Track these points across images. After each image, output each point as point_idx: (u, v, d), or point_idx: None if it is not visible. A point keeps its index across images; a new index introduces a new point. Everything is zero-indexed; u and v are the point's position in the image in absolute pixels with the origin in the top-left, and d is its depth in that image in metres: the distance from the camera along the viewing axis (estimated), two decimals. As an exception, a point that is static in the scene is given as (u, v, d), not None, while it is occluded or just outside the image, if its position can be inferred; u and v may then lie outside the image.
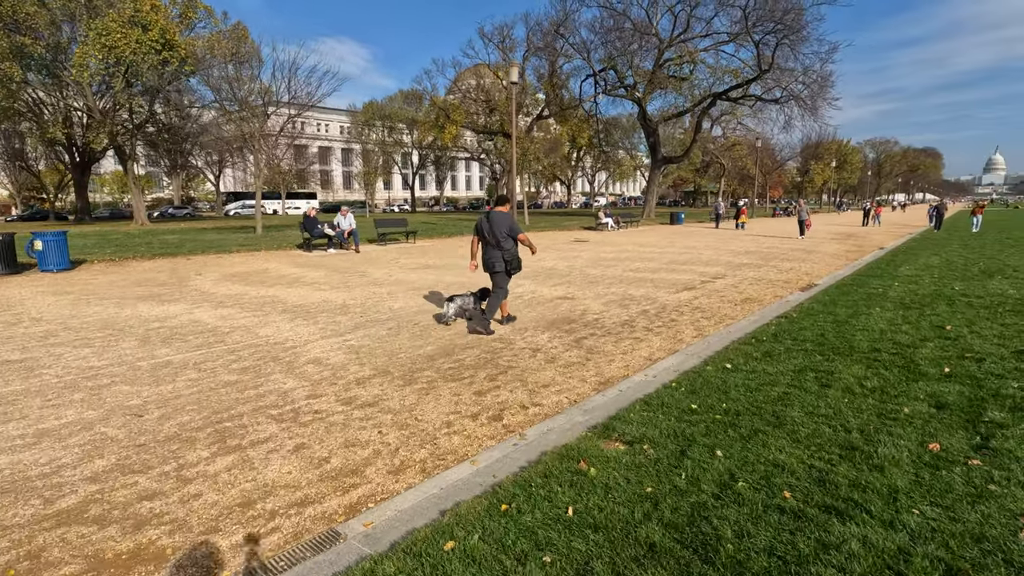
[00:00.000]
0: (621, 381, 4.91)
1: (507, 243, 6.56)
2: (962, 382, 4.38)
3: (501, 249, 6.53)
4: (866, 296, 8.42)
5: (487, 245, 6.66)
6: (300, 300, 8.71)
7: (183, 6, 28.35)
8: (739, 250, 17.26)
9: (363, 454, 3.54)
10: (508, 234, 6.54)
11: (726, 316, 7.60)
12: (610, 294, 9.31)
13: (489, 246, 6.63)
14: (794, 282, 10.72)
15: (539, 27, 38.32)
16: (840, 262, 14.04)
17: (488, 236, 6.58)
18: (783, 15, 30.21)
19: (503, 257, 6.54)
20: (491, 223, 6.55)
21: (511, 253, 6.59)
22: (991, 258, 13.42)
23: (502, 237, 6.51)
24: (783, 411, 3.87)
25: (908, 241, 20.25)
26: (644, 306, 8.30)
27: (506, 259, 6.55)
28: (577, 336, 6.53)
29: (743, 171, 66.60)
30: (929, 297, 8.25)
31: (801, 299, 8.64)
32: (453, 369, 5.28)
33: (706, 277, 11.29)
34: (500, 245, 6.53)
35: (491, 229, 6.53)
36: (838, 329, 6.29)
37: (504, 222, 6.55)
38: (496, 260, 6.58)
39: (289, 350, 5.92)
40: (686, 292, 9.53)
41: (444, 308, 7.14)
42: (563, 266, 13.10)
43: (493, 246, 6.58)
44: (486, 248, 6.69)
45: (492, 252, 6.61)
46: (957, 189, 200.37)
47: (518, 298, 8.91)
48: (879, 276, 10.68)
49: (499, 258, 6.55)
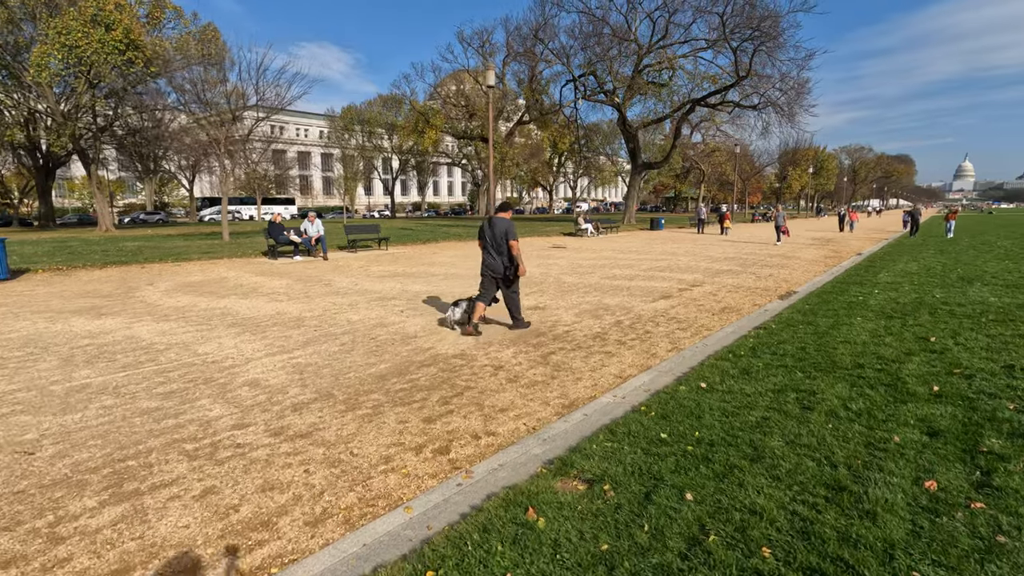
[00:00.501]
0: (587, 404, 4.47)
1: (505, 248, 6.73)
2: (953, 403, 4.03)
3: (501, 254, 6.72)
4: (847, 305, 8.14)
5: (488, 250, 6.81)
6: (252, 312, 8.14)
7: (150, 6, 27.46)
8: (718, 256, 17.04)
9: (280, 500, 3.04)
10: (503, 239, 6.70)
11: (703, 327, 7.23)
12: (584, 303, 8.90)
13: (490, 250, 6.78)
14: (773, 290, 10.43)
15: (518, 32, 38.11)
16: (819, 268, 13.85)
17: (489, 241, 6.75)
18: (760, 22, 30.33)
19: (503, 262, 6.71)
20: (492, 228, 6.73)
21: (508, 258, 6.74)
22: (968, 264, 13.34)
23: (502, 242, 6.70)
24: (762, 441, 3.47)
25: (885, 247, 20.27)
26: (618, 316, 7.91)
27: (504, 264, 6.72)
28: (545, 351, 6.09)
29: (722, 177, 67.19)
30: (911, 305, 7.99)
31: (780, 308, 8.33)
32: (404, 391, 4.79)
33: (684, 285, 10.96)
34: (499, 252, 6.72)
35: (492, 234, 6.72)
36: (819, 341, 5.95)
37: (501, 228, 6.70)
38: (497, 266, 6.74)
39: (226, 370, 5.38)
40: (663, 301, 9.16)
41: (449, 312, 7.14)
42: (538, 273, 12.68)
43: (495, 251, 6.75)
44: (489, 253, 6.81)
45: (493, 257, 6.76)
46: (929, 195, 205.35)
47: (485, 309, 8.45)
48: (859, 283, 10.45)
49: (499, 263, 6.72)
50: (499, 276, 6.78)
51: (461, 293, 9.79)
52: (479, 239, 6.96)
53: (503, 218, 6.79)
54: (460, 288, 10.39)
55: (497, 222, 6.73)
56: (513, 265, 6.75)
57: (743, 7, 31.04)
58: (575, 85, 39.59)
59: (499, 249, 6.70)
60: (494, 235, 6.69)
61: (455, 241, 22.47)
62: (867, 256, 16.58)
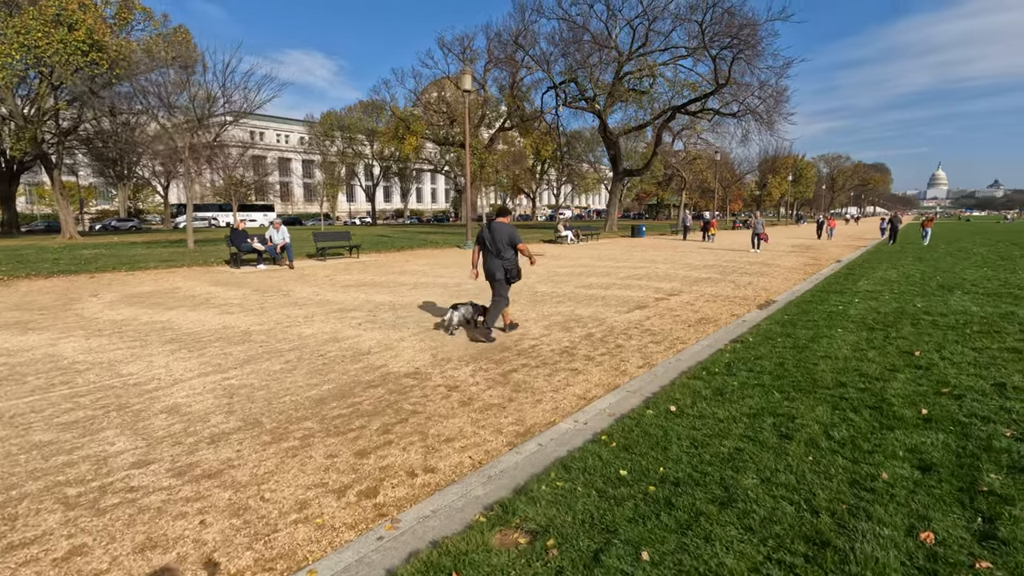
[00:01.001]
0: (544, 431, 4.01)
1: (507, 252, 6.73)
2: (944, 428, 3.65)
3: (502, 258, 6.70)
4: (827, 315, 7.81)
5: (488, 254, 6.80)
6: (196, 326, 7.55)
7: (118, 6, 26.61)
8: (697, 264, 16.76)
9: (158, 563, 2.52)
10: (508, 243, 6.71)
11: (678, 340, 6.83)
12: (555, 315, 8.46)
13: (490, 255, 6.78)
14: (752, 299, 10.11)
15: (499, 38, 37.88)
16: (798, 276, 13.61)
17: (489, 245, 6.75)
18: (739, 30, 30.46)
19: (503, 266, 6.71)
20: (492, 233, 6.74)
21: (511, 262, 6.76)
22: (947, 271, 13.20)
23: (503, 247, 6.69)
24: (734, 478, 3.03)
25: (864, 254, 20.22)
26: (590, 329, 7.48)
27: (506, 268, 6.72)
28: (506, 368, 5.62)
29: (704, 184, 67.64)
30: (892, 316, 7.69)
31: (759, 318, 7.98)
32: (343, 417, 4.29)
33: (661, 294, 10.59)
34: (501, 254, 6.70)
35: (492, 238, 6.72)
36: (799, 356, 5.57)
37: (505, 232, 6.72)
38: (496, 269, 6.73)
39: (147, 394, 4.82)
40: (638, 311, 8.76)
41: (447, 316, 7.16)
42: (512, 282, 12.23)
43: (494, 255, 6.74)
44: (488, 257, 6.81)
45: (493, 261, 6.76)
46: (904, 203, 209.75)
47: (452, 320, 7.97)
48: (839, 292, 10.18)
49: (499, 267, 6.71)
50: (501, 279, 6.77)
51: (427, 304, 9.29)
52: (477, 244, 6.95)
53: (503, 223, 6.80)
54: (427, 298, 9.89)
55: (497, 227, 6.75)
56: (516, 268, 6.79)
57: (722, 15, 31.19)
58: (556, 92, 39.47)
59: (499, 254, 6.70)
60: (494, 239, 6.70)
61: (431, 248, 21.94)
62: (846, 263, 16.44)
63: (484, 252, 6.87)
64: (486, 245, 6.79)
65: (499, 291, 6.85)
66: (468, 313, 7.20)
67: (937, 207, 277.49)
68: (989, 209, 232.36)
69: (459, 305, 7.22)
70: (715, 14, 31.22)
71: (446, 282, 12.15)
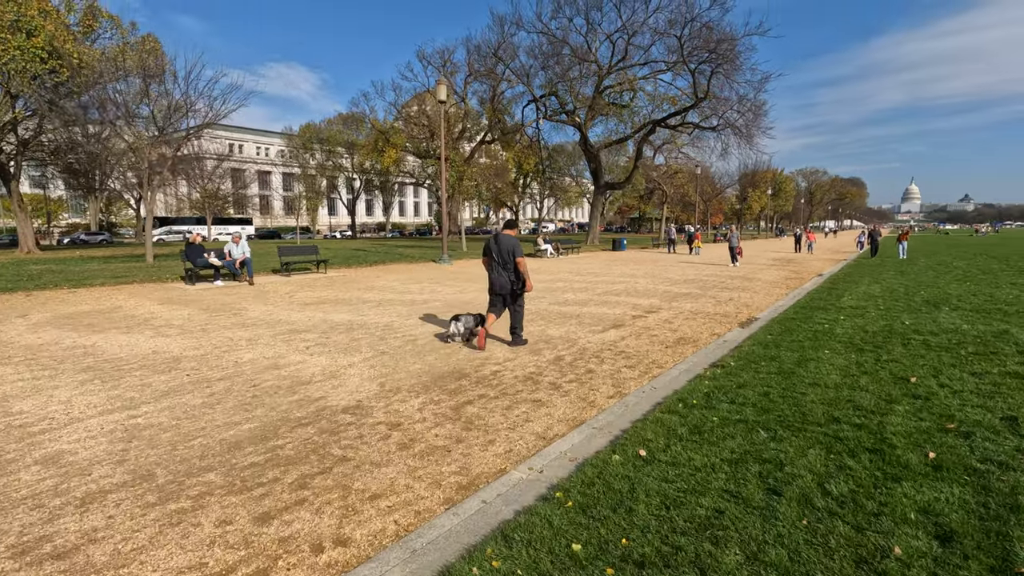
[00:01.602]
0: (492, 482, 3.39)
1: (512, 264, 6.83)
2: (958, 479, 3.10)
3: (507, 270, 6.82)
4: (812, 335, 7.32)
5: (496, 266, 6.89)
6: (122, 351, 6.79)
7: (82, 13, 25.75)
8: (677, 278, 16.34)
9: None
10: (511, 256, 6.82)
11: (654, 364, 6.27)
12: (525, 335, 7.86)
13: (497, 266, 6.88)
14: (733, 316, 9.63)
15: (479, 51, 37.66)
16: (780, 291, 13.22)
17: (496, 257, 6.86)
18: (717, 44, 30.59)
19: (509, 279, 6.82)
20: (499, 245, 6.84)
21: (515, 273, 6.86)
22: (930, 286, 12.90)
23: (508, 258, 6.81)
24: (713, 556, 2.43)
25: (845, 268, 20.02)
26: (560, 351, 6.88)
27: (511, 279, 6.82)
28: (460, 400, 4.99)
29: (685, 198, 67.99)
30: (881, 335, 7.22)
31: (741, 338, 7.46)
32: (255, 467, 3.61)
33: (639, 311, 10.06)
34: (507, 266, 6.83)
35: (499, 250, 6.83)
36: (785, 384, 5.03)
37: (509, 244, 6.83)
38: (504, 282, 6.84)
39: (30, 437, 4.09)
40: (613, 331, 8.20)
41: (450, 327, 7.24)
42: (484, 299, 11.62)
43: (501, 266, 6.86)
44: (496, 269, 6.90)
45: (500, 273, 6.86)
46: (879, 216, 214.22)
47: (415, 341, 7.32)
48: (823, 308, 9.74)
49: (507, 279, 6.82)
50: (506, 292, 6.87)
51: (388, 324, 8.62)
52: (484, 256, 7.06)
53: (509, 235, 6.91)
54: (390, 317, 9.23)
55: (503, 239, 6.85)
56: (520, 280, 6.87)
57: (700, 30, 31.34)
58: (536, 105, 39.32)
59: (506, 265, 6.80)
60: (500, 251, 6.81)
61: (405, 263, 21.26)
62: (828, 277, 16.14)
63: (491, 264, 6.95)
64: (493, 257, 6.90)
65: (517, 303, 7.04)
66: (469, 324, 7.28)
67: (911, 220, 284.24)
68: (961, 222, 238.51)
69: (460, 316, 7.31)
70: (693, 28, 31.39)
71: (414, 299, 11.49)
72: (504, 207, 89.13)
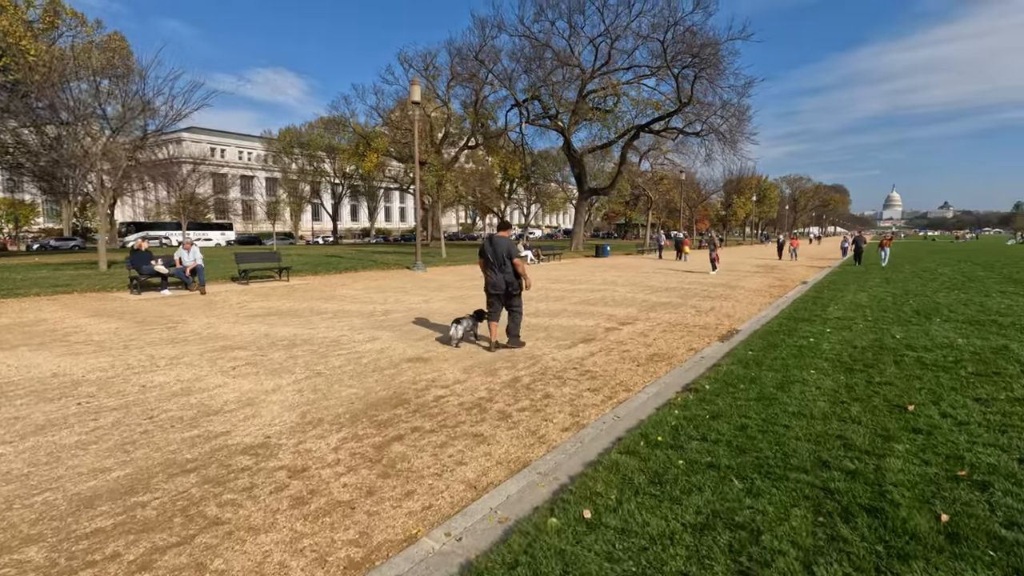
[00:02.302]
0: (393, 557, 2.65)
1: (508, 266, 6.85)
2: (982, 556, 2.42)
3: (504, 272, 6.82)
4: (796, 351, 6.67)
5: (491, 268, 6.88)
6: (17, 374, 5.94)
7: (42, 9, 24.70)
8: (658, 286, 15.72)
9: None
10: (507, 257, 6.82)
11: (620, 386, 5.57)
12: (481, 351, 7.14)
13: (493, 269, 6.87)
14: (713, 328, 8.99)
15: (460, 54, 37.06)
16: (763, 300, 12.63)
17: (492, 258, 6.85)
18: (700, 49, 30.26)
19: (505, 279, 6.83)
20: (494, 247, 6.85)
21: (512, 275, 6.87)
22: (918, 295, 12.40)
23: (503, 260, 6.82)
24: None
25: (829, 275, 19.57)
26: (519, 370, 6.17)
27: (507, 281, 6.83)
28: (390, 434, 4.24)
29: (671, 204, 67.87)
30: (871, 351, 6.60)
31: (719, 354, 6.81)
32: (96, 536, 2.84)
33: (613, 323, 9.38)
34: (503, 268, 6.84)
35: (494, 252, 6.83)
36: (766, 414, 4.35)
37: (504, 246, 6.85)
38: (499, 282, 6.85)
39: None
40: (582, 346, 7.51)
41: (452, 330, 7.27)
42: (448, 308, 10.88)
43: (496, 268, 6.85)
44: (491, 271, 6.89)
45: (496, 275, 6.88)
46: (862, 223, 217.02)
47: (360, 359, 6.56)
48: (807, 319, 9.14)
49: (502, 280, 6.83)
50: (501, 292, 6.90)
51: (336, 339, 7.84)
52: (480, 258, 7.08)
53: (504, 237, 6.95)
54: (341, 331, 8.45)
55: (498, 241, 6.87)
56: (517, 281, 6.89)
57: (683, 34, 31.00)
58: (519, 110, 38.77)
59: (502, 267, 6.81)
60: (496, 253, 6.82)
61: (378, 270, 20.44)
62: (813, 285, 15.62)
63: (487, 266, 6.94)
64: (488, 259, 6.88)
65: (513, 305, 7.05)
66: (469, 326, 7.38)
67: (893, 227, 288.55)
68: (941, 229, 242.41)
69: (462, 319, 7.35)
70: (676, 32, 31.03)
71: (373, 309, 10.72)
72: (490, 213, 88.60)
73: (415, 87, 18.32)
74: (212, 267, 18.53)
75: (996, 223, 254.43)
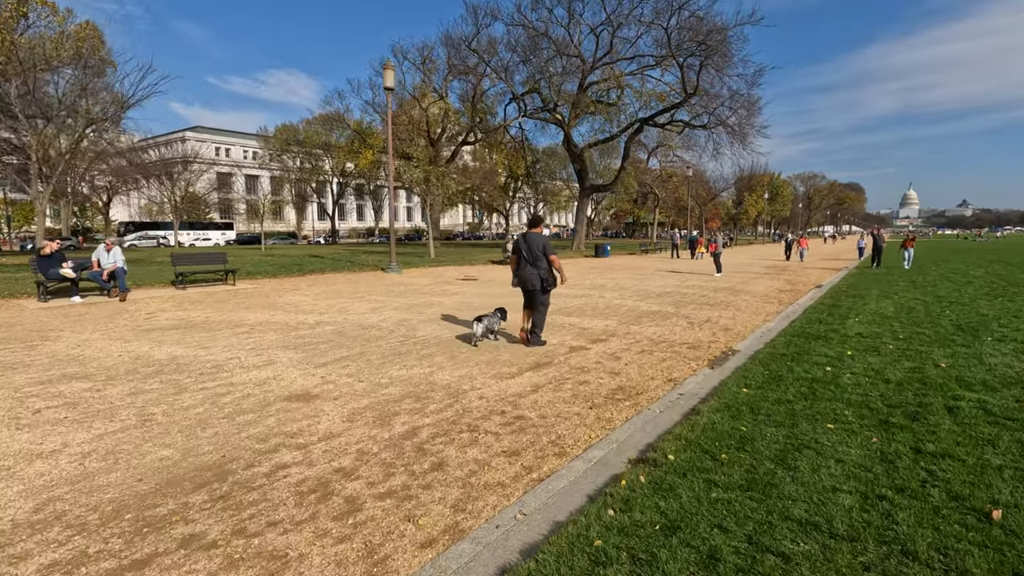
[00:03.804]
0: None
1: (542, 262, 6.83)
2: None
3: (537, 267, 6.81)
4: (808, 388, 4.93)
5: (524, 263, 6.88)
6: None
7: (9, -2, 23.42)
8: (654, 291, 13.96)
9: None
10: (542, 253, 6.81)
11: (553, 446, 3.89)
12: (397, 381, 5.48)
13: (527, 264, 6.85)
14: (705, 346, 7.27)
15: (454, 45, 35.42)
16: (771, 308, 10.85)
17: (526, 255, 6.85)
18: (707, 35, 28.34)
19: (539, 275, 6.80)
20: (528, 243, 6.84)
21: (547, 271, 6.85)
22: (955, 302, 10.53)
23: (538, 256, 6.80)
24: None
25: (846, 277, 17.64)
26: (426, 416, 4.51)
27: (542, 276, 6.82)
28: (134, 555, 2.60)
29: (680, 202, 65.77)
30: (911, 390, 4.84)
31: (705, 389, 5.10)
32: None
33: (584, 340, 7.69)
34: (536, 263, 6.82)
35: (528, 248, 6.83)
36: (757, 520, 2.65)
37: (539, 242, 6.84)
38: (532, 278, 6.83)
39: None
40: (529, 374, 5.83)
41: (473, 328, 7.14)
42: (393, 319, 9.23)
43: (530, 263, 6.84)
44: (523, 266, 6.88)
45: (529, 270, 6.85)
46: (878, 221, 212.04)
47: (223, 397, 4.92)
48: (822, 336, 7.37)
49: (535, 276, 6.81)
50: (535, 289, 6.85)
51: (220, 364, 6.20)
52: (513, 254, 7.15)
53: (538, 233, 6.95)
54: (233, 354, 6.83)
55: (532, 237, 6.89)
56: (551, 276, 6.91)
57: (689, 20, 29.12)
58: (517, 104, 37.07)
59: (536, 263, 6.81)
60: (530, 249, 6.84)
61: (349, 272, 18.80)
62: (828, 289, 13.78)
63: (520, 262, 6.95)
64: (522, 255, 6.89)
65: (541, 300, 6.97)
66: (493, 324, 7.32)
67: (910, 225, 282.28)
68: (959, 227, 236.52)
69: (483, 317, 7.24)
70: (681, 18, 29.17)
71: (303, 321, 9.10)
72: (495, 212, 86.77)
73: (388, 71, 16.75)
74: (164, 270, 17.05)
75: (1017, 221, 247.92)
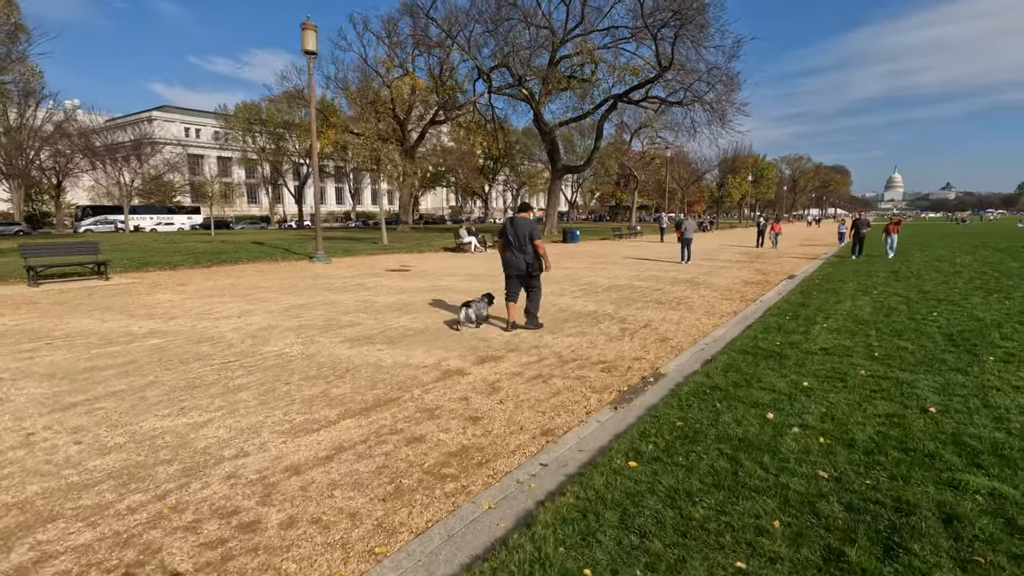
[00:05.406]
0: None
1: (529, 247, 6.82)
2: None
3: (524, 252, 6.83)
4: (730, 462, 3.19)
5: (511, 249, 6.88)
6: None
7: None
8: (601, 283, 12.20)
9: None
10: (528, 239, 6.80)
11: None
12: (124, 446, 3.66)
13: (513, 249, 6.86)
14: (625, 367, 5.53)
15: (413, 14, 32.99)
16: (728, 307, 9.14)
17: (512, 240, 6.85)
18: (680, 3, 26.29)
19: (526, 260, 6.82)
20: (515, 228, 6.84)
21: (532, 256, 6.84)
22: (944, 300, 8.89)
23: (525, 241, 6.81)
24: None
25: (822, 267, 16.01)
26: (91, 529, 2.69)
27: (528, 262, 6.84)
28: None
29: (662, 185, 64.03)
30: (886, 470, 3.11)
31: (583, 455, 3.36)
32: None
33: (473, 357, 5.91)
34: (523, 249, 6.83)
35: (515, 233, 6.83)
36: None
37: (525, 227, 6.83)
38: (519, 263, 6.84)
39: None
40: (347, 423, 4.05)
41: (460, 314, 7.16)
42: (252, 328, 7.36)
43: (517, 249, 6.85)
44: (511, 252, 6.87)
45: (516, 255, 6.85)
46: (863, 204, 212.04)
47: None
48: (777, 353, 5.65)
49: (523, 261, 6.83)
50: (522, 273, 6.88)
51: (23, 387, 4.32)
52: (500, 238, 7.10)
53: (525, 218, 6.94)
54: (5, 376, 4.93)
55: (520, 222, 6.86)
56: (537, 262, 6.87)
57: (662, -14, 27.00)
58: (484, 78, 34.81)
59: (522, 248, 6.81)
60: (517, 234, 6.80)
61: (268, 262, 16.77)
62: (800, 281, 12.13)
63: (507, 247, 6.92)
64: (509, 240, 6.86)
65: (533, 285, 7.05)
66: (480, 310, 7.24)
67: (895, 208, 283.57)
68: (943, 210, 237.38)
69: (471, 302, 7.20)
70: (654, -15, 27.04)
71: (132, 330, 7.20)
72: (474, 195, 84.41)
73: (307, 32, 14.62)
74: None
75: (999, 204, 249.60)
